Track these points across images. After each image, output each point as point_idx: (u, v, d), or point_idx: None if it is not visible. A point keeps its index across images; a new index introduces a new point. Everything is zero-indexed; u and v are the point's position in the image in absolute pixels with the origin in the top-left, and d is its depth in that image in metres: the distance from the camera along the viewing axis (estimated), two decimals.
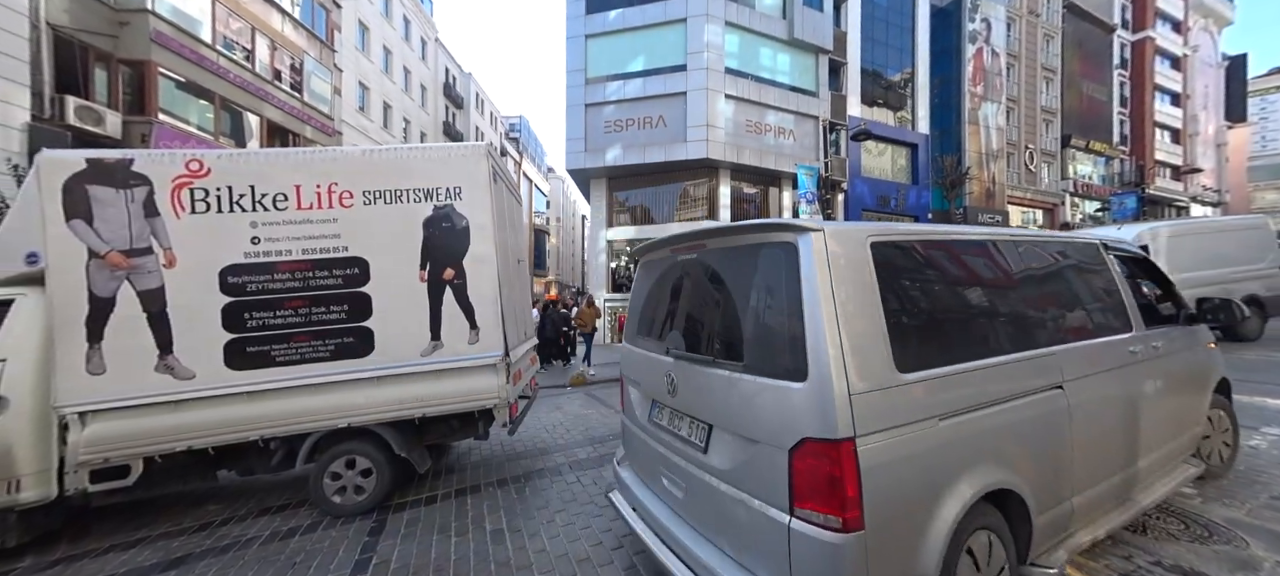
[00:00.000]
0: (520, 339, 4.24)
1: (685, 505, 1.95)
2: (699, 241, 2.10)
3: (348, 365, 3.20)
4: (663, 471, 2.10)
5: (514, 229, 4.59)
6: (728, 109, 17.80)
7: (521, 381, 4.09)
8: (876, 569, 1.40)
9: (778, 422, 1.52)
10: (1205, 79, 34.99)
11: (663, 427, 2.15)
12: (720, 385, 1.77)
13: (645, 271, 2.62)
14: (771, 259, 1.66)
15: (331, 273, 3.20)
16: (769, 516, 1.52)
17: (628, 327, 2.76)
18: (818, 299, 1.46)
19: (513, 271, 4.29)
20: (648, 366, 2.33)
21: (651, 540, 2.02)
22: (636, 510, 2.25)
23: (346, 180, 3.25)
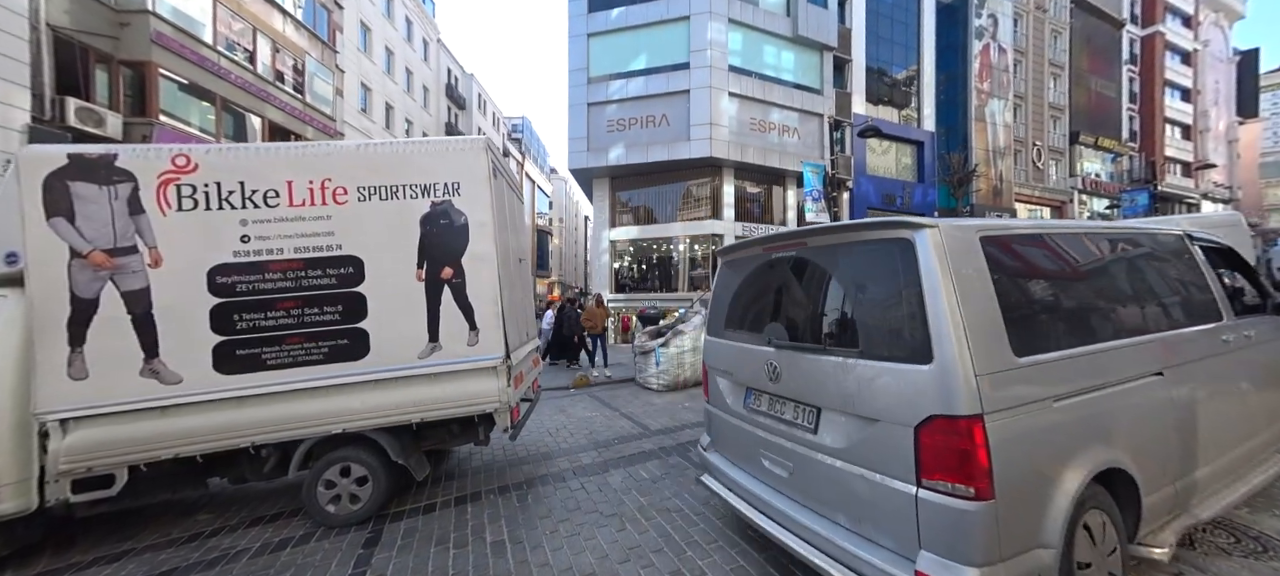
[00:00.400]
0: (522, 340, 4.10)
1: (792, 483, 2.12)
2: (799, 240, 2.26)
3: (342, 368, 3.07)
4: (763, 453, 2.27)
5: (515, 227, 4.45)
6: (731, 107, 17.64)
7: (523, 384, 3.95)
8: (1005, 536, 1.52)
9: (901, 402, 1.67)
10: (1216, 74, 34.49)
11: (762, 413, 2.33)
12: (832, 370, 1.93)
13: (730, 270, 2.82)
14: (885, 253, 1.81)
15: (325, 272, 3.07)
16: (892, 488, 1.67)
17: (713, 323, 2.90)
18: (939, 289, 1.60)
19: (514, 271, 4.14)
20: (741, 357, 2.52)
21: (758, 518, 2.21)
22: (733, 490, 2.46)
23: (340, 176, 3.12)
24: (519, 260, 4.57)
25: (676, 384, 7.34)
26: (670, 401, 6.55)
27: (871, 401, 1.76)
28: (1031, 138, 25.63)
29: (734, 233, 18.09)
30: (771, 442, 2.23)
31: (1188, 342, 2.24)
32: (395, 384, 3.17)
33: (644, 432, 5.07)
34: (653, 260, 20.14)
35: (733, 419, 2.55)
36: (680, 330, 7.55)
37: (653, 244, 19.68)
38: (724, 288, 2.83)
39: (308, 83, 15.87)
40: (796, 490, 2.10)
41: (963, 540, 1.50)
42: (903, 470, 1.64)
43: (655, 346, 7.42)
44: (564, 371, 9.63)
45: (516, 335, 3.83)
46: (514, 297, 3.94)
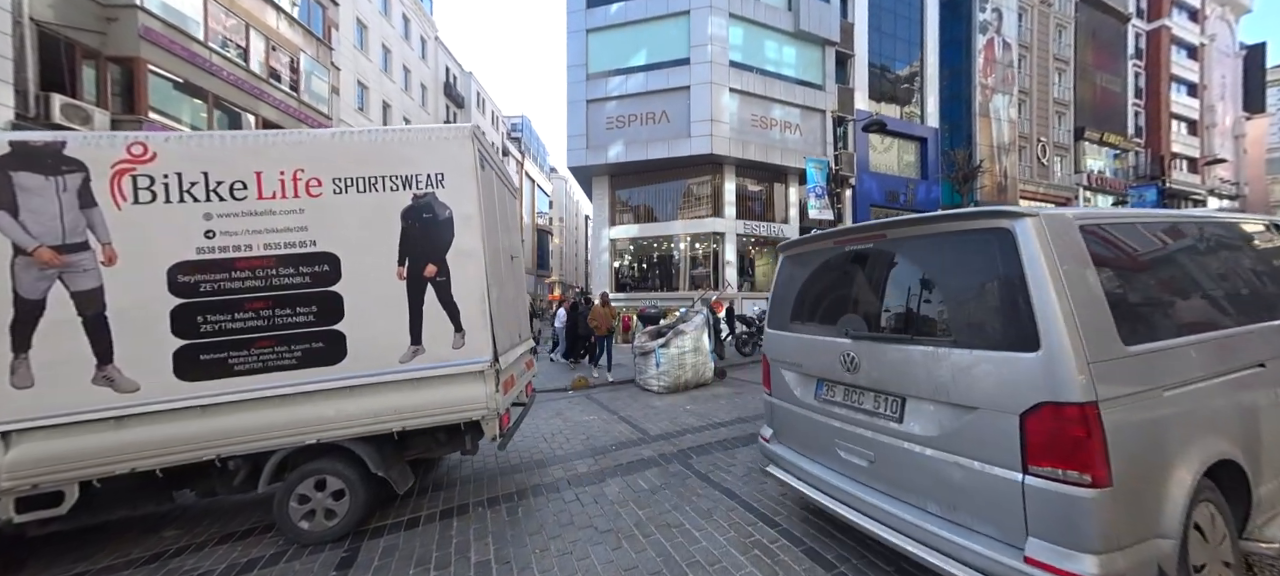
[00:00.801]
0: (513, 342, 3.87)
1: (874, 472, 2.15)
2: (878, 232, 2.27)
3: (316, 374, 2.85)
4: (839, 444, 2.32)
5: (507, 223, 4.23)
6: (732, 103, 17.38)
7: (514, 389, 3.72)
8: (1123, 524, 1.51)
9: (1003, 390, 1.67)
10: (1223, 69, 34.10)
11: (836, 403, 2.38)
12: (920, 360, 1.94)
13: (794, 264, 2.88)
14: (981, 243, 1.82)
15: (297, 270, 2.85)
16: (994, 475, 1.68)
17: (775, 316, 2.95)
18: (1044, 278, 1.60)
19: (505, 269, 3.92)
20: (811, 349, 2.57)
21: (837, 507, 2.25)
22: (805, 481, 2.51)
23: (314, 166, 2.89)
24: (511, 257, 4.34)
25: (677, 386, 7.11)
26: (671, 404, 6.32)
27: (968, 390, 1.78)
28: (1036, 134, 25.31)
29: (736, 231, 17.85)
30: (849, 432, 2.26)
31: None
32: (374, 390, 2.95)
33: (643, 438, 4.84)
34: (653, 259, 19.90)
35: (802, 410, 2.60)
36: (681, 330, 7.32)
37: (653, 243, 19.45)
38: (787, 282, 2.90)
39: (303, 80, 15.66)
40: (879, 479, 2.13)
41: (1079, 527, 1.49)
42: (1006, 457, 1.65)
43: (655, 347, 7.20)
44: (577, 371, 9.41)
45: (507, 337, 3.61)
46: (504, 297, 3.72)
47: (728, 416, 5.48)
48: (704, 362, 7.40)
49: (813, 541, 2.65)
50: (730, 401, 6.25)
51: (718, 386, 7.38)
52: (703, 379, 7.40)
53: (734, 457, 4.11)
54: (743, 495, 3.33)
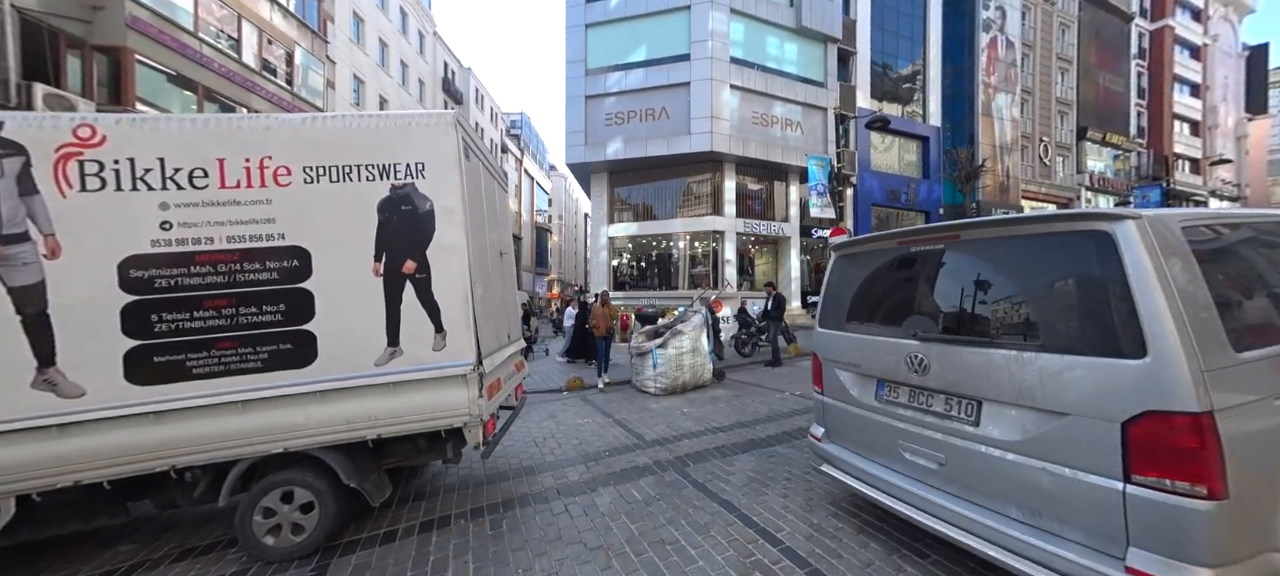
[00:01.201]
0: (500, 343, 3.67)
1: (945, 475, 2.13)
2: (950, 233, 2.25)
3: (284, 377, 2.64)
4: (903, 445, 2.31)
5: (495, 217, 4.01)
6: (733, 100, 17.15)
7: (500, 393, 3.52)
8: (1238, 537, 1.47)
9: (1103, 397, 1.64)
10: (1225, 69, 33.93)
11: (900, 405, 2.38)
12: (1002, 364, 1.92)
13: (849, 263, 2.89)
14: (1076, 246, 1.78)
15: (264, 265, 2.64)
16: (1088, 483, 1.66)
17: (827, 316, 2.96)
18: (1150, 282, 1.56)
19: (492, 266, 3.71)
20: (871, 350, 2.56)
21: (903, 508, 2.26)
22: (863, 481, 2.53)
23: (282, 154, 2.68)
24: (500, 254, 4.14)
25: (675, 387, 6.91)
26: (668, 406, 6.12)
27: (1059, 395, 1.75)
28: (1038, 133, 25.13)
29: (735, 229, 17.65)
30: (915, 434, 2.25)
31: None
32: (347, 395, 2.75)
33: (638, 443, 4.64)
34: (652, 257, 19.70)
35: (860, 411, 2.60)
36: (679, 330, 7.12)
37: (652, 241, 19.24)
38: (842, 281, 2.90)
39: (297, 74, 15.40)
40: (951, 482, 2.11)
41: (1190, 539, 1.46)
42: (1104, 465, 1.62)
43: (652, 347, 7.00)
44: (586, 371, 9.21)
45: (492, 338, 3.40)
46: (490, 296, 3.51)
47: (727, 421, 5.28)
48: (703, 364, 7.20)
49: (818, 562, 2.45)
50: (729, 404, 6.05)
51: (716, 388, 7.18)
52: (701, 381, 7.21)
53: (733, 466, 3.91)
54: (742, 508, 3.13)
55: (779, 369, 8.46)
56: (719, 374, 7.71)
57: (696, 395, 6.75)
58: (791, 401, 6.00)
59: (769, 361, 8.84)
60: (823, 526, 2.82)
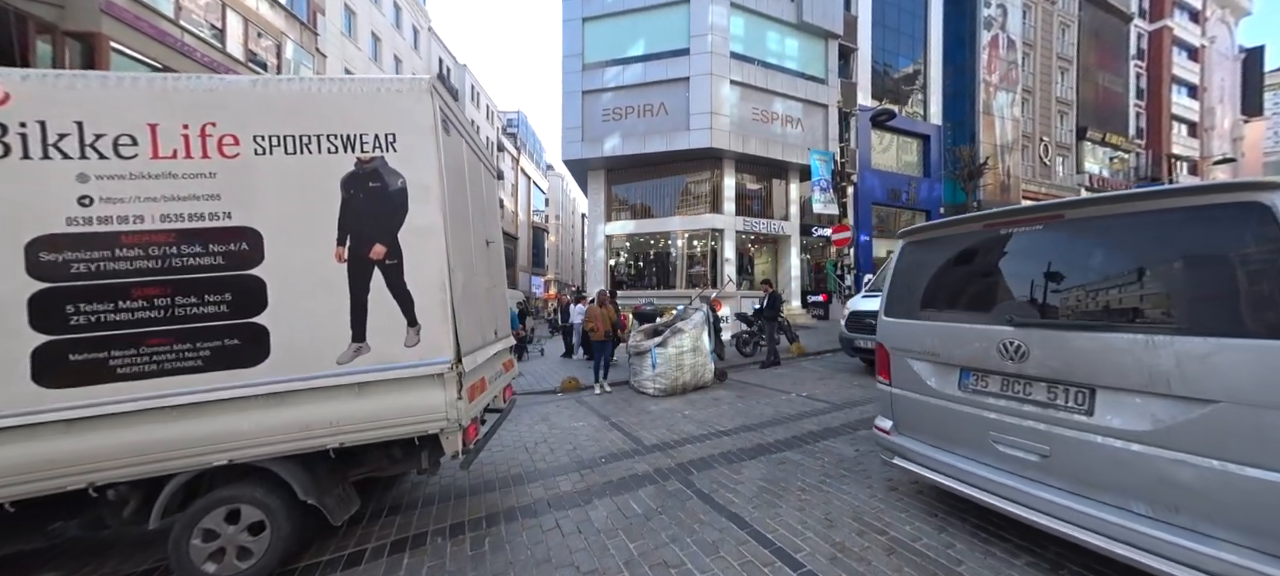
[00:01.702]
0: (485, 339, 3.32)
1: (1048, 467, 2.04)
2: (1052, 213, 2.15)
3: (229, 378, 2.29)
4: (996, 436, 2.23)
5: (481, 202, 3.67)
6: (733, 95, 16.85)
7: (485, 395, 3.17)
8: None
9: (1266, 383, 1.53)
10: (1222, 71, 34.01)
11: (991, 394, 2.30)
12: (1125, 348, 1.83)
13: (921, 250, 2.82)
14: (1224, 220, 1.67)
15: (206, 249, 2.29)
16: (1246, 476, 1.55)
17: (895, 304, 2.88)
18: None
19: (477, 255, 3.37)
20: (953, 337, 2.48)
21: (996, 501, 2.17)
22: (946, 473, 2.44)
23: (229, 120, 2.33)
24: (486, 243, 3.79)
25: (675, 388, 6.57)
26: (668, 409, 5.78)
27: (1201, 381, 1.65)
28: (1038, 133, 25.00)
29: (735, 228, 17.35)
30: (1010, 425, 2.18)
31: None
32: (304, 398, 2.39)
33: (636, 449, 4.30)
34: (650, 256, 19.38)
35: (939, 402, 2.53)
36: (679, 328, 6.79)
37: (650, 239, 18.91)
38: (912, 269, 2.83)
39: (285, 66, 14.98)
40: (1057, 475, 2.02)
41: None
42: (1269, 458, 1.51)
43: (651, 347, 6.66)
44: (584, 370, 8.86)
45: (476, 333, 3.06)
46: (474, 287, 3.17)
47: (731, 423, 4.95)
48: (704, 364, 6.87)
49: None
50: (733, 406, 5.72)
51: (718, 389, 6.85)
52: (702, 381, 6.87)
53: (741, 474, 3.57)
54: (754, 523, 2.80)
55: (778, 369, 8.14)
56: (721, 374, 7.38)
57: (698, 396, 6.42)
58: (798, 403, 5.68)
59: (764, 362, 8.50)
60: (847, 546, 2.49)
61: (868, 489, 3.18)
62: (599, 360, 7.16)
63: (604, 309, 7.32)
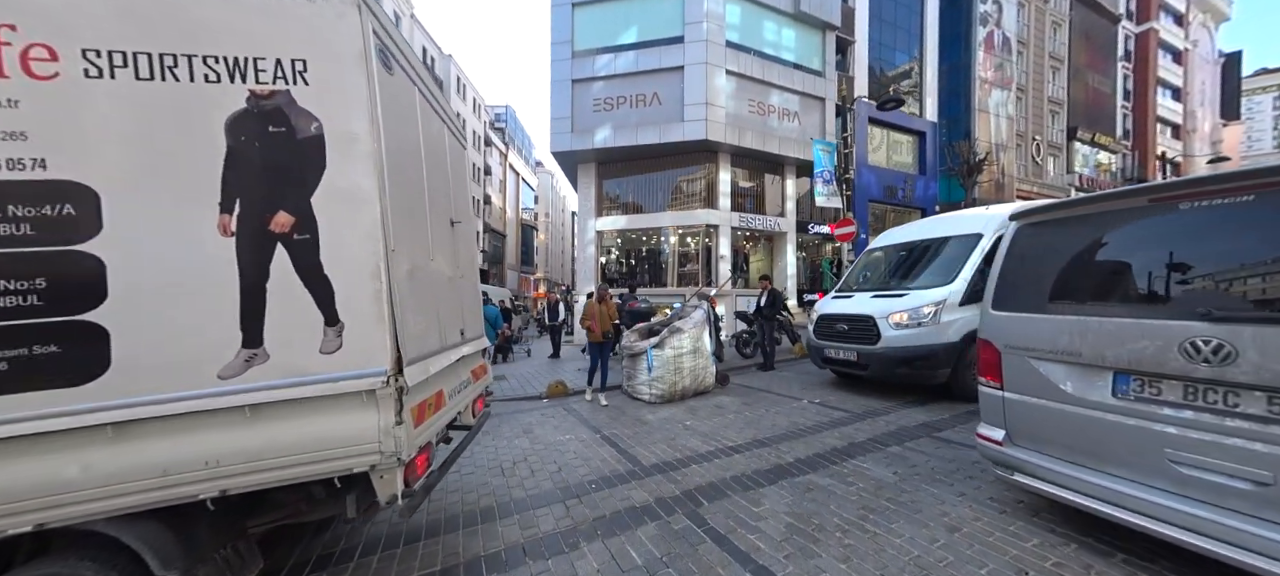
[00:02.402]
0: (445, 342, 2.62)
1: (1272, 498, 1.67)
2: (1262, 180, 1.77)
3: (43, 402, 1.56)
4: (1175, 456, 1.90)
5: (443, 169, 2.98)
6: (728, 86, 16.27)
7: (439, 415, 2.46)
8: None
9: None
10: (1202, 75, 34.65)
11: (1169, 404, 1.95)
12: None
13: (1045, 232, 2.51)
14: None
15: (3, 213, 1.55)
16: None
17: (1009, 297, 2.58)
18: None
19: (437, 234, 2.68)
20: (1106, 334, 2.12)
21: (1183, 536, 1.83)
22: (1089, 494, 2.12)
23: (41, 23, 1.60)
24: (451, 222, 3.10)
25: (673, 394, 5.92)
26: (667, 418, 5.12)
27: None
28: (1031, 131, 24.99)
29: (731, 224, 16.79)
30: (1202, 443, 1.83)
31: None
32: (166, 428, 1.68)
33: (633, 471, 3.63)
34: (642, 253, 18.74)
35: (1083, 410, 2.18)
36: (678, 328, 6.13)
37: (642, 235, 18.26)
38: (1034, 255, 2.52)
39: None
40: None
41: None
42: None
43: (647, 348, 5.99)
44: (576, 375, 8.14)
45: (431, 334, 2.37)
46: (428, 276, 2.47)
47: (741, 437, 4.31)
48: (705, 367, 6.23)
49: None
50: (739, 415, 5.09)
51: (720, 394, 6.22)
52: (703, 385, 6.23)
53: (761, 505, 2.94)
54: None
55: (779, 372, 7.55)
56: (722, 378, 6.75)
57: (699, 403, 5.78)
58: (813, 412, 5.07)
59: (761, 364, 7.91)
60: None
61: (923, 527, 2.56)
62: (594, 363, 6.39)
63: (603, 305, 6.50)
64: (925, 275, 5.51)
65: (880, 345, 5.21)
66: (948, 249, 5.53)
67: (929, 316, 4.93)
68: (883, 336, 5.17)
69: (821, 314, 6.22)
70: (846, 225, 9.91)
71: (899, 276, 5.89)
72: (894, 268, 6.14)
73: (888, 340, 5.14)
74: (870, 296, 5.73)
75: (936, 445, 3.79)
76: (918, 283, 5.46)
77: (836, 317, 5.86)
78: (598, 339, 6.33)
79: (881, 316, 5.22)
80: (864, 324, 5.38)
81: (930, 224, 6.39)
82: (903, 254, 6.17)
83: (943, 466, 3.35)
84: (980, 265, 4.95)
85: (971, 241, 5.27)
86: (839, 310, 5.91)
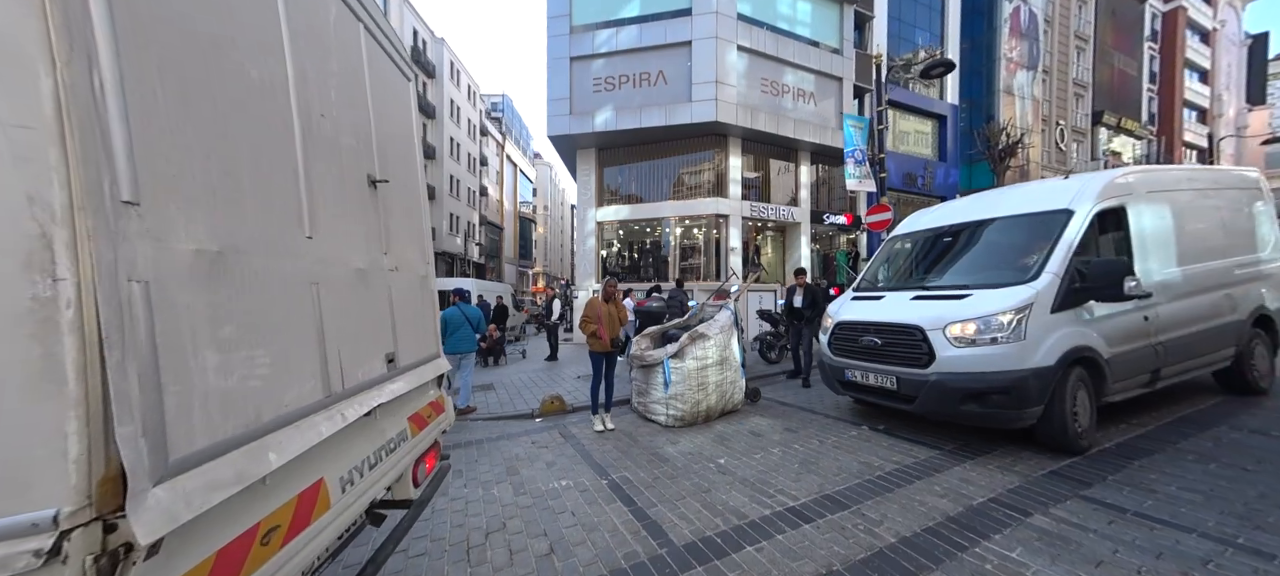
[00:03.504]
0: (331, 387, 1.44)
1: None
2: None
3: None
4: None
5: (343, 88, 1.79)
6: (740, 64, 14.98)
7: (302, 542, 1.28)
8: None
9: None
10: (1229, 57, 33.19)
11: None
12: None
13: None
14: None
15: None
16: None
17: None
18: None
19: (307, 191, 1.49)
20: None
21: None
22: None
23: None
24: (372, 182, 1.93)
25: (696, 416, 4.77)
26: (692, 452, 3.96)
27: None
28: (1055, 115, 23.65)
29: (741, 213, 15.57)
30: None
31: None
32: None
33: (659, 557, 2.45)
34: (646, 245, 17.53)
35: None
36: (702, 333, 4.96)
37: (646, 226, 17.04)
38: None
39: None
40: None
41: None
42: None
43: (663, 358, 4.83)
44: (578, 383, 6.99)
45: (305, 378, 1.21)
46: (287, 272, 1.28)
47: (801, 488, 3.15)
48: (733, 381, 5.07)
49: None
50: (788, 450, 3.92)
51: (753, 415, 5.07)
52: (731, 404, 5.08)
53: None
54: None
55: (810, 388, 6.30)
56: (753, 393, 5.59)
57: (729, 428, 4.62)
58: (884, 446, 3.89)
59: (792, 373, 6.75)
60: None
61: None
62: (598, 380, 4.91)
63: (610, 306, 4.96)
64: (990, 269, 3.97)
65: (935, 369, 3.55)
66: (1019, 232, 4.03)
67: (1008, 327, 3.33)
68: (938, 356, 3.54)
69: (841, 321, 4.43)
70: (881, 211, 8.71)
71: (943, 272, 4.34)
72: (934, 259, 4.58)
73: (947, 362, 3.50)
74: (910, 297, 4.05)
75: (1094, 511, 2.63)
76: (982, 279, 3.84)
77: (863, 327, 4.14)
78: (603, 348, 4.87)
79: (934, 327, 3.58)
80: (907, 337, 3.75)
81: (982, 201, 4.71)
82: (947, 240, 4.58)
83: (1137, 558, 2.19)
84: (1071, 255, 3.52)
85: (1057, 221, 3.74)
86: (867, 317, 4.18)
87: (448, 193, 29.01)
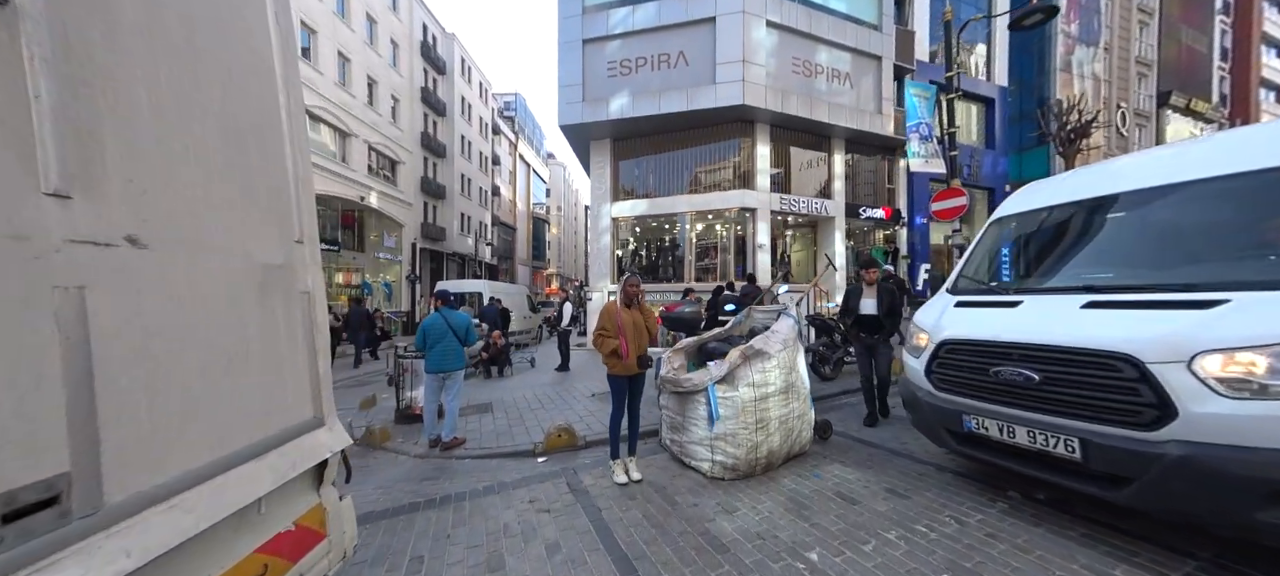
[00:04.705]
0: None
1: None
2: None
3: None
4: None
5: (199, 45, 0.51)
6: (769, 41, 13.58)
7: None
8: None
9: None
10: None
11: None
12: None
13: None
14: None
15: None
16: None
17: None
18: None
19: None
20: None
21: None
22: None
23: None
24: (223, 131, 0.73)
25: (754, 465, 3.47)
26: (758, 531, 2.66)
27: None
28: (1116, 98, 21.40)
29: (770, 207, 14.16)
30: None
31: None
32: None
33: None
34: (665, 243, 16.26)
35: None
36: (762, 350, 3.63)
37: (665, 222, 15.77)
38: None
39: None
40: None
41: None
42: None
43: (708, 382, 3.54)
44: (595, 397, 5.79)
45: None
46: None
47: None
48: (802, 414, 3.75)
49: None
50: (908, 533, 2.59)
51: (826, 460, 3.75)
52: (799, 446, 3.76)
53: None
54: None
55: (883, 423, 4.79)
56: (822, 426, 4.23)
57: (801, 485, 3.30)
58: (1105, 546, 2.52)
59: (868, 417, 4.64)
60: None
61: None
62: (619, 414, 3.57)
63: (633, 312, 3.61)
64: (1233, 259, 2.38)
65: (1180, 433, 1.98)
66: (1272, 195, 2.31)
67: None
68: (1183, 411, 1.98)
69: (949, 339, 2.92)
70: (953, 196, 7.21)
71: (1131, 263, 2.77)
72: (1098, 245, 3.04)
73: (1204, 423, 1.94)
74: (1079, 304, 2.52)
75: None
76: (1230, 275, 2.24)
77: (1006, 351, 2.58)
78: (627, 370, 3.49)
79: (1170, 357, 2.04)
80: (1100, 371, 2.23)
81: (1156, 161, 2.98)
82: (1118, 216, 2.95)
83: None
84: None
85: None
86: (999, 334, 2.66)
87: (458, 191, 28.31)
